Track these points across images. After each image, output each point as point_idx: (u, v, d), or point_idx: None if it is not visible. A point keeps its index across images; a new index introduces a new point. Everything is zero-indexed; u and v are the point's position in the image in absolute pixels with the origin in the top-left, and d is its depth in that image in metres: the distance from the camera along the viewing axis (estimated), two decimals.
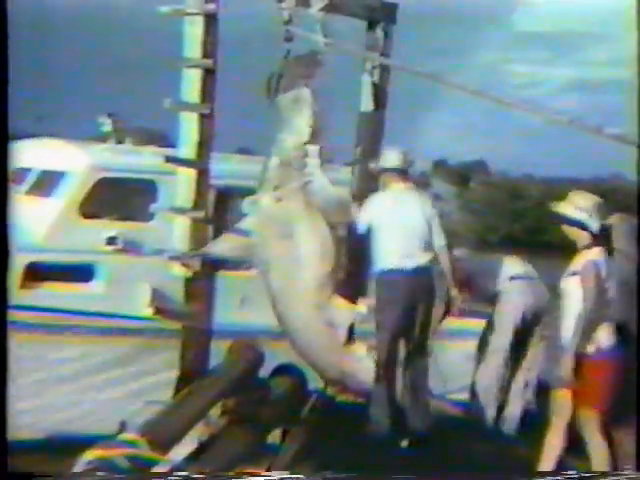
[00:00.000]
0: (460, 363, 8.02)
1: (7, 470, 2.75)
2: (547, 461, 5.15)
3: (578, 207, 5.30)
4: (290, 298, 4.49)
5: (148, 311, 7.36)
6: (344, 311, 4.52)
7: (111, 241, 7.53)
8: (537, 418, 6.62)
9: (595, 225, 5.25)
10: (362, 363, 4.89)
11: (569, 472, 4.52)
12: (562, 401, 5.18)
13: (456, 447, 6.11)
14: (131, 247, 7.62)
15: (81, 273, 7.52)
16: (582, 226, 5.28)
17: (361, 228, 6.08)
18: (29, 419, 6.50)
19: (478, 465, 5.74)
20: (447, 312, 6.77)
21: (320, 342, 4.50)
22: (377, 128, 7.01)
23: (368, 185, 6.91)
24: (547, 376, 6.53)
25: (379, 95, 6.88)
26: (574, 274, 5.23)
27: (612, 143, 2.86)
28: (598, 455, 5.07)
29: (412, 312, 6.06)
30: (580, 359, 5.06)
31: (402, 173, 6.30)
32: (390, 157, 6.36)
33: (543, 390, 6.67)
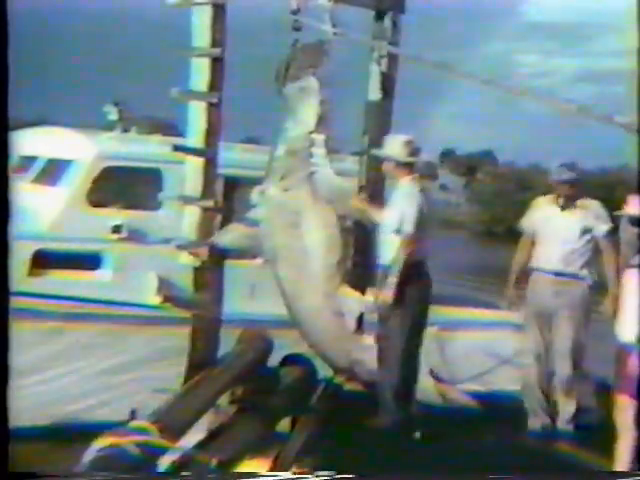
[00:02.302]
0: (469, 354, 8.04)
1: (7, 470, 2.76)
2: (620, 467, 5.01)
3: None
4: (299, 288, 4.49)
5: (155, 299, 7.38)
6: (353, 300, 4.53)
7: (116, 229, 7.56)
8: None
9: None
10: (370, 352, 4.91)
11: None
12: (624, 406, 5.05)
13: (468, 438, 6.09)
14: (136, 236, 7.64)
15: (88, 261, 7.54)
16: None
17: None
18: (36, 406, 6.53)
19: (488, 458, 5.73)
20: None
21: (329, 331, 4.50)
22: (384, 117, 7.00)
23: (375, 175, 6.91)
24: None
25: (387, 84, 6.87)
26: (633, 267, 5.15)
27: (618, 134, 2.86)
28: (626, 446, 5.02)
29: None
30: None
31: (407, 164, 6.24)
32: (394, 146, 6.26)
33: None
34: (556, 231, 6.36)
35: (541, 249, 6.48)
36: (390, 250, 6.06)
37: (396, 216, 6.12)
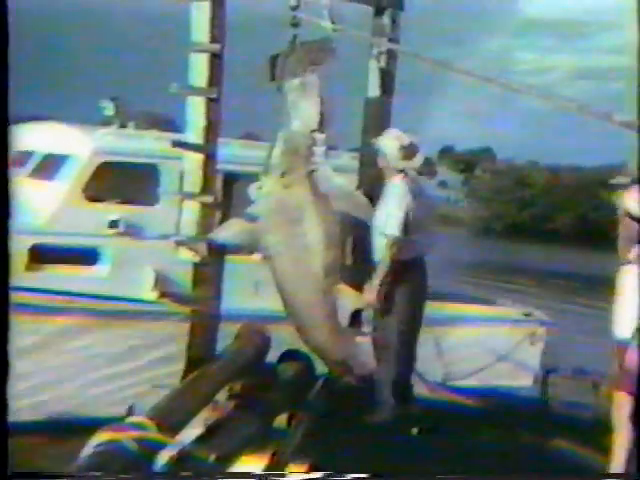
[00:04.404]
0: (462, 349, 8.06)
1: (7, 470, 2.76)
2: (615, 467, 4.99)
3: None
4: (296, 284, 4.50)
5: (152, 295, 7.39)
6: (348, 297, 4.54)
7: (114, 224, 7.56)
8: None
9: None
10: (364, 347, 4.93)
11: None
12: (622, 403, 5.03)
13: (464, 435, 6.11)
14: (133, 231, 7.65)
15: (85, 256, 7.54)
16: None
17: None
18: (35, 402, 6.54)
19: (484, 454, 5.74)
20: None
21: (325, 327, 4.51)
22: (384, 114, 7.01)
23: (374, 172, 6.92)
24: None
25: (386, 81, 6.88)
26: (630, 263, 5.16)
27: (616, 132, 2.86)
28: (622, 442, 5.02)
29: None
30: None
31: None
32: (389, 147, 6.25)
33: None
34: None
35: None
36: (379, 250, 6.11)
37: (383, 217, 6.16)
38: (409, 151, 6.27)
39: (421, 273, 6.37)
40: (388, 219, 6.12)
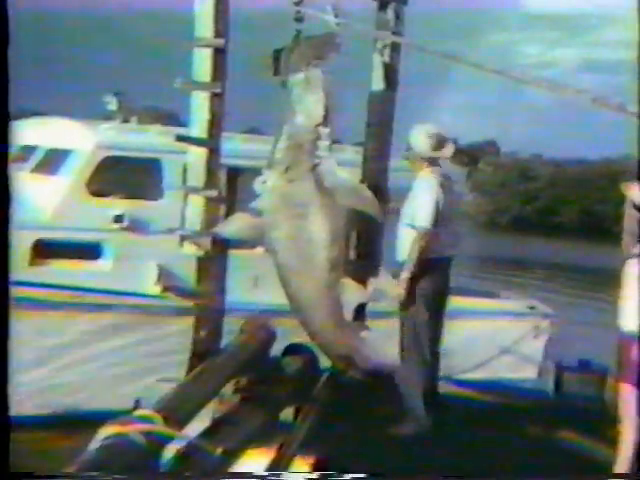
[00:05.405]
0: (466, 342, 8.07)
1: (8, 469, 2.77)
2: (622, 459, 5.03)
3: None
4: (301, 278, 4.51)
5: (155, 289, 7.41)
6: (353, 291, 4.54)
7: (117, 219, 7.58)
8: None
9: None
10: (367, 340, 4.92)
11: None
12: (627, 395, 5.07)
13: (465, 428, 6.11)
14: (137, 225, 7.67)
15: (89, 251, 7.57)
16: None
17: None
18: (38, 396, 6.57)
19: (489, 446, 5.75)
20: None
21: (329, 321, 4.52)
22: (388, 108, 7.01)
23: (378, 166, 6.92)
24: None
25: (390, 75, 6.87)
26: (636, 256, 5.15)
27: (621, 124, 2.85)
28: (627, 435, 5.02)
29: None
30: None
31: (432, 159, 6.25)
32: (418, 138, 6.25)
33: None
34: None
35: None
36: (406, 244, 6.06)
37: (411, 210, 6.14)
38: (438, 141, 6.27)
39: (446, 271, 6.30)
40: (418, 211, 6.10)
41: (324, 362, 6.21)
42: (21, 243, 6.73)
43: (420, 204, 6.15)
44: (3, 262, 2.77)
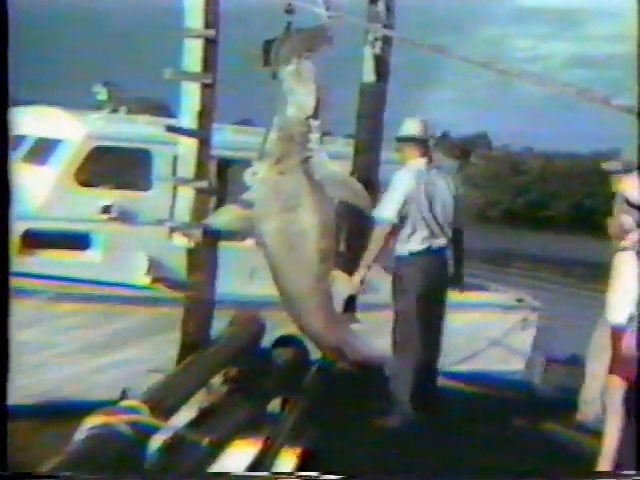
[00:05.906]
0: (454, 335, 8.10)
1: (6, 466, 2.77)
2: (607, 450, 4.99)
3: None
4: (291, 270, 4.52)
5: (145, 280, 7.39)
6: (343, 283, 4.55)
7: (106, 210, 7.56)
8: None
9: None
10: (357, 333, 4.93)
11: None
12: (615, 387, 5.05)
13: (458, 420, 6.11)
14: (126, 216, 7.65)
15: (78, 241, 7.55)
16: None
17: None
18: (27, 386, 6.56)
19: (478, 438, 5.76)
20: None
21: (319, 313, 4.53)
22: (379, 100, 7.01)
23: (369, 158, 6.92)
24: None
25: (381, 67, 6.88)
26: (625, 249, 5.17)
27: (611, 119, 2.86)
28: (613, 428, 5.03)
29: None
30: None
31: (422, 145, 6.22)
32: (410, 125, 6.26)
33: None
34: None
35: None
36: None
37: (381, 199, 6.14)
38: (428, 126, 6.27)
39: (439, 265, 6.26)
40: (381, 203, 6.08)
41: (314, 354, 6.24)
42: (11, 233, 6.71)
43: (385, 196, 6.15)
44: (2, 254, 2.77)
